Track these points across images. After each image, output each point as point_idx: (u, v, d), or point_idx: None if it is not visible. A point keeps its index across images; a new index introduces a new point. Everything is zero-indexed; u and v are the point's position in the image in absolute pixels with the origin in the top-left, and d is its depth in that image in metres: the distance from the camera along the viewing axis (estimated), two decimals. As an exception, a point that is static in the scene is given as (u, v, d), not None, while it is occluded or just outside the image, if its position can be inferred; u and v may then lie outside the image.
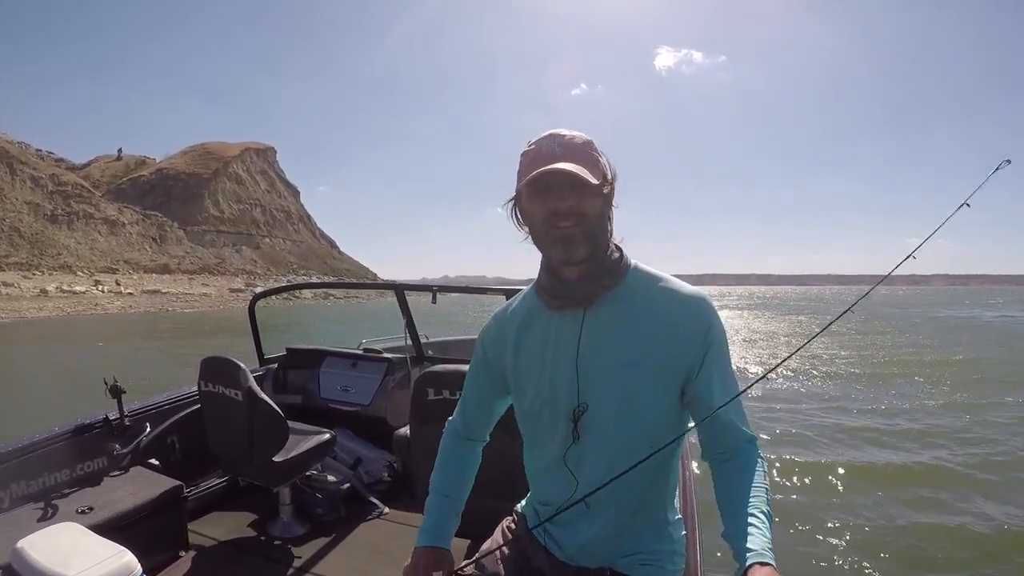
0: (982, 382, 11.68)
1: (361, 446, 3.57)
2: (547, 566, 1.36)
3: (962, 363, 14.66)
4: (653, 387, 1.19)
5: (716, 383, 1.19)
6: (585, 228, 1.15)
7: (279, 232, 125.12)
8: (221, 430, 2.98)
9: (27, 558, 1.78)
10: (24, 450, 2.53)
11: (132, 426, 2.91)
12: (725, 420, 1.20)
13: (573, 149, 1.14)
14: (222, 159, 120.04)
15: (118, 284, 66.10)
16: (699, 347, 1.18)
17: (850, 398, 10.25)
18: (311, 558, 2.72)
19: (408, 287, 3.70)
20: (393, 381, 3.71)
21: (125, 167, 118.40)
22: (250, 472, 2.96)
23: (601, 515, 1.27)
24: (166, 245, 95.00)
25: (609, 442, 1.22)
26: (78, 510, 2.39)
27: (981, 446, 7.10)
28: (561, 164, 1.11)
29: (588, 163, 1.13)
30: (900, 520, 5.03)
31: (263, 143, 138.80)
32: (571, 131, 1.17)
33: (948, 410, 9.12)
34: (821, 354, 15.68)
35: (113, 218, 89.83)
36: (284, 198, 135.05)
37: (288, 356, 4.10)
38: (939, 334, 23.87)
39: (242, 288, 77.47)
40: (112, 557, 1.81)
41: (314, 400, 3.81)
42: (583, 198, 1.13)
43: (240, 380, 2.76)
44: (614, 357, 1.20)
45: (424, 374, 2.26)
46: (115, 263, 79.19)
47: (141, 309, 51.91)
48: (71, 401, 7.13)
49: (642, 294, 1.21)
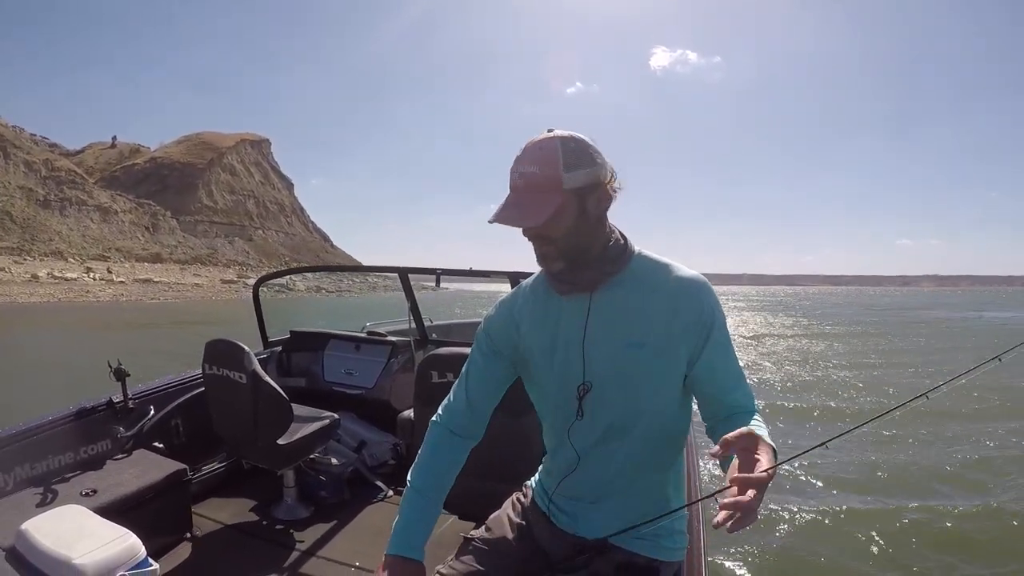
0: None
1: (365, 429, 3.58)
2: (547, 534, 1.43)
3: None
4: (656, 368, 1.25)
5: (719, 364, 1.25)
6: (557, 248, 1.22)
7: (272, 224, 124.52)
8: (225, 413, 3.00)
9: (31, 540, 1.79)
10: (27, 433, 2.53)
11: (136, 409, 2.92)
12: (731, 397, 1.26)
13: (530, 181, 1.17)
14: (217, 150, 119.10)
15: (109, 272, 65.74)
16: (700, 330, 1.23)
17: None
18: (315, 541, 2.73)
19: (412, 271, 3.68)
20: (397, 364, 3.71)
21: (119, 155, 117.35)
22: (254, 455, 2.98)
23: (603, 490, 1.34)
24: (158, 234, 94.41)
25: (610, 420, 1.29)
26: (82, 493, 2.40)
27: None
28: (507, 211, 1.19)
29: (543, 192, 1.17)
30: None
31: (258, 135, 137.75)
32: (542, 147, 1.18)
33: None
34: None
35: (106, 205, 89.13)
36: (278, 190, 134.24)
37: (292, 339, 4.09)
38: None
39: (234, 279, 77.04)
40: (116, 539, 1.83)
41: (318, 383, 3.82)
42: (541, 229, 1.20)
43: (244, 363, 2.77)
44: (618, 338, 1.26)
45: (428, 357, 2.28)
46: (107, 251, 78.67)
47: (133, 298, 51.68)
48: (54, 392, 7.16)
49: (646, 279, 1.27)
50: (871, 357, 15.83)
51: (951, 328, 27.36)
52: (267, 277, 4.29)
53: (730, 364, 1.27)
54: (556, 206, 1.17)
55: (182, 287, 65.83)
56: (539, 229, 1.20)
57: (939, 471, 6.02)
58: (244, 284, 72.51)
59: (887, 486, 5.57)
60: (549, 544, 1.42)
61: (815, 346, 18.84)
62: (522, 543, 1.45)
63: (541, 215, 1.17)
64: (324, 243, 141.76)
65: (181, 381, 3.25)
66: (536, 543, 1.44)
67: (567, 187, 1.17)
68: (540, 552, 1.43)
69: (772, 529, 4.52)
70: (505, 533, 1.48)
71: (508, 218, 1.19)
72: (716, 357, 1.25)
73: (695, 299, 1.24)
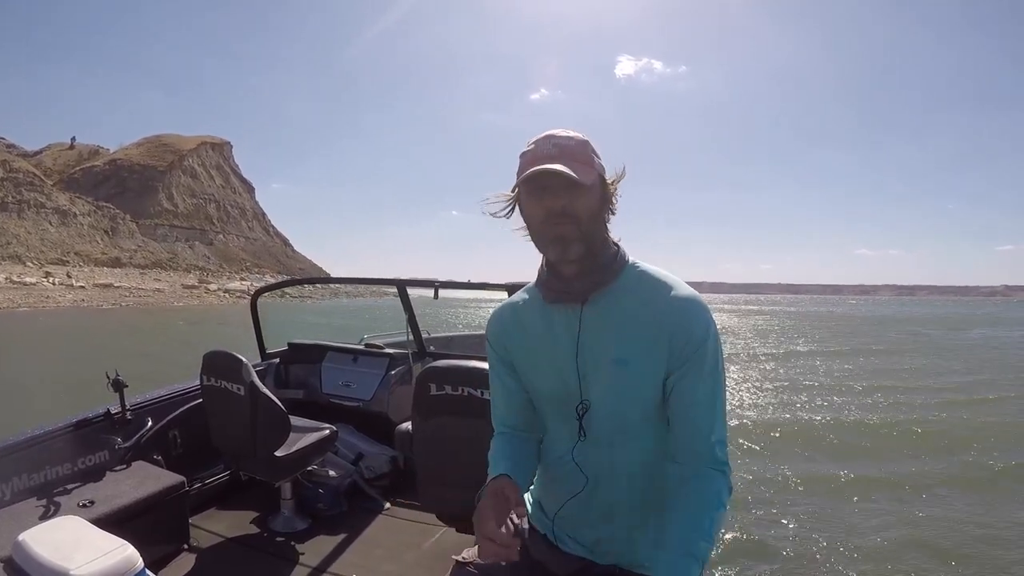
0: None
1: (363, 441, 3.58)
2: (548, 557, 1.35)
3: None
4: (642, 387, 1.18)
5: (697, 389, 1.16)
6: (579, 228, 1.15)
7: (233, 228, 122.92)
8: (223, 425, 2.99)
9: (29, 551, 1.75)
10: (25, 444, 2.51)
11: (134, 420, 2.91)
12: (696, 430, 1.16)
13: (568, 150, 1.15)
14: (178, 152, 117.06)
15: (69, 276, 63.90)
16: (684, 350, 1.15)
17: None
18: (312, 553, 2.73)
19: (410, 283, 3.70)
20: (395, 376, 3.70)
21: (78, 156, 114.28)
22: (252, 467, 2.96)
23: (611, 514, 1.26)
24: (118, 238, 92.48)
25: (608, 441, 1.22)
26: (80, 504, 2.39)
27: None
28: (554, 164, 1.12)
29: (582, 163, 1.14)
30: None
31: (219, 138, 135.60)
32: (568, 132, 1.18)
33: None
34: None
35: (65, 208, 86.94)
36: (239, 194, 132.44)
37: (290, 351, 4.08)
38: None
39: (195, 284, 75.97)
40: (114, 551, 1.78)
41: (316, 395, 3.81)
42: (575, 198, 1.14)
43: (242, 374, 2.77)
44: (607, 354, 1.19)
45: (426, 369, 2.25)
46: (66, 255, 76.91)
47: (94, 303, 50.53)
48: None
49: (638, 292, 1.20)
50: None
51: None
52: (264, 289, 4.28)
53: (705, 396, 1.16)
54: (594, 178, 1.16)
55: (143, 292, 64.47)
56: (573, 200, 1.14)
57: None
58: (205, 289, 71.80)
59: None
60: (552, 566, 1.35)
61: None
62: (517, 566, 1.31)
63: (587, 177, 1.13)
64: (285, 248, 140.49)
65: (179, 392, 3.24)
66: (533, 566, 1.37)
67: (597, 168, 1.18)
68: (538, 575, 1.36)
69: (776, 550, 4.45)
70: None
71: (553, 171, 1.11)
72: (690, 385, 1.15)
73: (685, 318, 1.16)
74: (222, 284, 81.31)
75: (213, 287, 76.47)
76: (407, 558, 2.68)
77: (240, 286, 79.27)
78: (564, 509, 1.32)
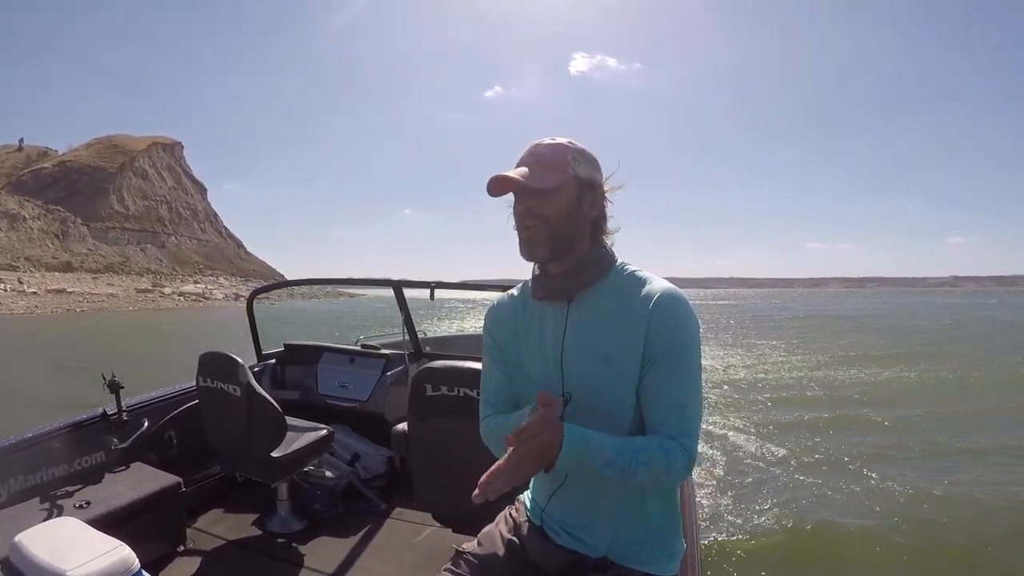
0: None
1: (359, 442, 3.57)
2: (541, 549, 1.38)
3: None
4: (626, 383, 1.22)
5: (672, 378, 1.19)
6: (546, 231, 1.21)
7: (185, 231, 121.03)
8: (219, 426, 2.97)
9: (25, 552, 1.74)
10: (22, 445, 2.50)
11: (130, 421, 2.89)
12: (665, 422, 1.19)
13: (540, 157, 1.22)
14: (128, 153, 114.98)
15: (20, 283, 62.03)
16: (663, 342, 1.19)
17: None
18: (308, 554, 2.73)
19: (406, 284, 3.69)
20: (391, 377, 3.70)
21: (27, 158, 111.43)
22: (248, 467, 2.96)
23: (595, 506, 1.30)
24: (69, 242, 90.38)
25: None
26: (76, 505, 2.38)
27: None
28: (509, 172, 1.20)
29: (551, 168, 1.21)
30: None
31: (170, 138, 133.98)
32: (555, 138, 1.26)
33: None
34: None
35: (13, 212, 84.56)
36: (191, 195, 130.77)
37: (286, 352, 4.07)
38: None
39: (149, 288, 74.62)
40: (110, 551, 1.76)
41: (312, 396, 3.78)
42: (539, 201, 1.21)
43: (238, 376, 2.77)
44: (592, 351, 1.24)
45: (422, 370, 2.25)
46: (15, 260, 74.51)
47: (47, 310, 49.59)
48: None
49: (622, 291, 1.25)
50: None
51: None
52: (260, 291, 4.26)
53: (686, 386, 1.20)
54: (560, 182, 1.20)
55: (96, 297, 63.34)
56: (537, 200, 1.21)
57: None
58: (160, 293, 70.58)
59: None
60: (544, 559, 1.38)
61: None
62: (513, 558, 1.41)
63: (547, 181, 1.19)
64: (238, 249, 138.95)
65: (175, 393, 3.23)
66: (529, 558, 1.40)
67: (571, 172, 1.22)
68: (533, 567, 1.39)
69: (771, 542, 4.41)
70: (496, 549, 1.45)
71: (511, 180, 1.19)
72: (666, 373, 1.19)
73: (664, 312, 1.20)
74: (176, 287, 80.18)
75: (167, 291, 75.33)
76: (404, 558, 2.69)
77: (195, 289, 78.61)
78: (551, 502, 1.37)
